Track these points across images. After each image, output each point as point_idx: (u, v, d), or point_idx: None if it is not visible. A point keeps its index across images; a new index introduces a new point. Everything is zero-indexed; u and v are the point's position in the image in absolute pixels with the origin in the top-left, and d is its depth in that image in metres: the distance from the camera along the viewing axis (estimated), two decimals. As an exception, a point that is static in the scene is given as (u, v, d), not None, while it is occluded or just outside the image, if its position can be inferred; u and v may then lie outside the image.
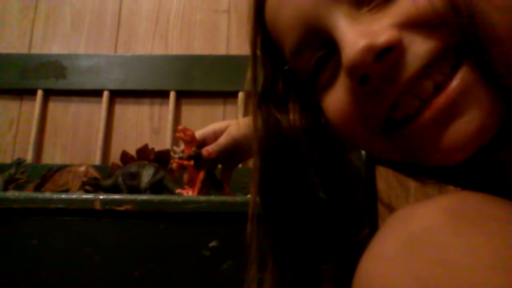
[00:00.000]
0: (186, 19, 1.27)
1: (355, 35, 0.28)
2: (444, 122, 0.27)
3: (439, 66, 0.28)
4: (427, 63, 0.28)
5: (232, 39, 1.24)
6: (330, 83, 0.32)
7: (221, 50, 1.23)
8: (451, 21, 0.26)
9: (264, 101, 0.38)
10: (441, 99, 0.27)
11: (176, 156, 0.66)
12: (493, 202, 0.24)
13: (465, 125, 0.27)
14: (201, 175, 0.66)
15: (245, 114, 1.20)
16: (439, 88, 0.28)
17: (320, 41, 0.32)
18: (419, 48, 0.27)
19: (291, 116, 0.38)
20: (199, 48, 1.24)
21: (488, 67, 0.26)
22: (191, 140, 0.67)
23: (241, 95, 1.16)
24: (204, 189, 0.67)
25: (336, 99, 0.32)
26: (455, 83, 0.27)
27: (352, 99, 0.30)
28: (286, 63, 0.36)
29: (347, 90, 0.31)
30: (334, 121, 0.33)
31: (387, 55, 0.27)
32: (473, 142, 0.27)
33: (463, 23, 0.26)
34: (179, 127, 0.67)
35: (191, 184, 0.67)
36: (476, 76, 0.27)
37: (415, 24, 0.28)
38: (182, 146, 0.69)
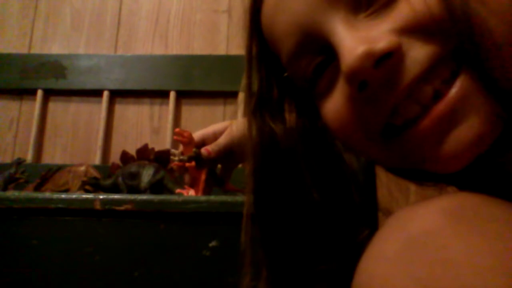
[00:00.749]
0: (186, 19, 1.27)
1: (354, 41, 0.28)
2: (443, 130, 0.27)
3: (438, 72, 0.28)
4: (426, 68, 0.27)
5: (232, 39, 1.24)
6: (328, 89, 0.32)
7: (221, 50, 1.23)
8: (448, 26, 0.26)
9: (259, 109, 0.38)
10: (440, 107, 0.27)
11: (176, 158, 0.66)
12: (493, 203, 0.24)
13: (464, 133, 0.27)
14: (203, 175, 0.66)
15: (245, 114, 1.19)
16: (439, 93, 0.28)
17: (318, 47, 0.32)
18: (418, 53, 0.27)
19: (286, 124, 0.38)
20: (199, 48, 1.24)
21: (486, 72, 0.26)
22: (189, 141, 0.67)
23: (241, 95, 1.16)
24: (207, 189, 0.67)
25: (334, 105, 0.32)
26: (454, 90, 0.27)
27: (350, 105, 0.30)
28: (282, 69, 0.36)
29: (345, 96, 0.30)
30: (333, 127, 0.33)
31: (386, 61, 0.27)
32: (471, 151, 0.27)
33: (459, 28, 0.26)
34: (176, 130, 0.67)
35: (193, 185, 0.67)
36: (475, 83, 0.27)
37: (414, 29, 0.27)
38: (180, 148, 0.69)
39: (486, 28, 0.26)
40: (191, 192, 0.66)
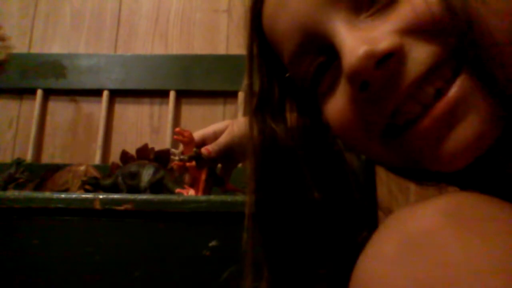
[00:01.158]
0: (186, 19, 1.27)
1: (355, 41, 0.28)
2: (443, 129, 0.27)
3: (439, 71, 0.28)
4: (427, 68, 0.27)
5: (232, 38, 1.24)
6: (330, 89, 0.32)
7: (221, 50, 1.23)
8: (449, 26, 0.26)
9: (260, 109, 0.38)
10: (440, 106, 0.27)
11: (176, 158, 0.66)
12: (491, 203, 0.24)
13: (464, 132, 0.27)
14: (203, 175, 0.66)
15: (245, 114, 1.20)
16: (440, 93, 0.28)
17: (319, 47, 0.32)
18: (419, 54, 0.27)
19: (287, 124, 0.38)
20: (199, 47, 1.24)
21: (486, 72, 0.26)
22: (190, 141, 0.67)
23: (241, 94, 1.16)
24: (207, 188, 0.67)
25: (336, 105, 0.32)
26: (453, 90, 0.27)
27: (352, 105, 0.30)
28: (283, 69, 0.36)
29: (347, 96, 0.30)
30: (335, 127, 0.33)
31: (387, 61, 0.27)
32: (471, 149, 0.27)
33: (459, 28, 0.26)
34: (176, 129, 0.67)
35: (193, 184, 0.67)
36: (475, 82, 0.27)
37: (415, 30, 0.27)
38: (180, 147, 0.69)
39: (486, 28, 0.26)
40: (191, 192, 0.66)
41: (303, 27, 0.31)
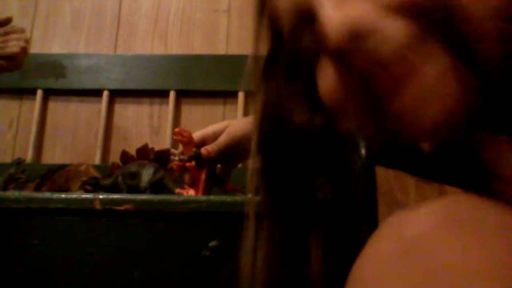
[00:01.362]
0: (185, 19, 1.27)
1: (337, 16, 0.28)
2: (420, 105, 0.28)
3: (418, 48, 0.28)
4: (406, 44, 0.28)
5: (231, 38, 1.24)
6: (321, 67, 0.33)
7: (221, 50, 1.23)
8: (428, 3, 0.27)
9: (266, 75, 0.39)
10: (418, 82, 0.28)
11: (176, 158, 0.66)
12: (489, 205, 0.24)
13: (439, 106, 0.27)
14: (203, 175, 0.67)
15: (245, 113, 1.21)
16: (418, 70, 0.28)
17: (311, 23, 0.32)
18: (398, 30, 0.28)
19: (291, 102, 0.38)
20: (199, 47, 1.24)
21: (464, 48, 0.26)
22: (189, 141, 0.67)
23: (241, 94, 1.16)
24: (207, 188, 0.67)
25: (324, 81, 0.32)
26: (432, 66, 0.27)
27: (337, 80, 0.31)
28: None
29: (332, 71, 0.31)
30: (323, 99, 0.33)
31: (367, 37, 0.28)
32: (446, 124, 0.28)
33: (438, 5, 0.26)
34: (176, 130, 0.67)
35: (193, 184, 0.67)
36: (453, 58, 0.27)
37: (395, 6, 0.28)
38: (180, 148, 0.69)
39: (465, 6, 0.26)
40: (191, 192, 0.66)
41: (297, 6, 0.32)
